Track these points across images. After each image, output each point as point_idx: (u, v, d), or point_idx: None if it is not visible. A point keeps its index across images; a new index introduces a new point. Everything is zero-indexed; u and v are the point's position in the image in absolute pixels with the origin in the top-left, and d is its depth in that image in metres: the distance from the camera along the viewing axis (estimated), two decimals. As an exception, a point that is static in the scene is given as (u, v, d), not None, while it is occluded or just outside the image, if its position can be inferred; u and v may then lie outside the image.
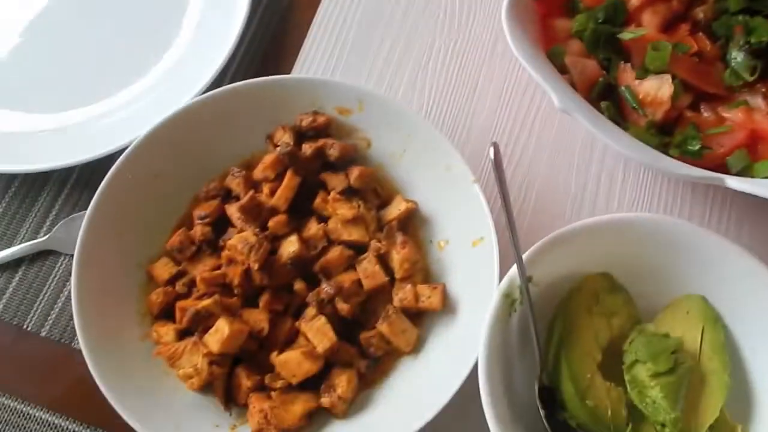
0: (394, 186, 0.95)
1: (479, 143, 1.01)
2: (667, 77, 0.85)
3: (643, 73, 0.87)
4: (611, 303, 0.82)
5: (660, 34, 0.88)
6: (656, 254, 0.81)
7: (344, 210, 0.89)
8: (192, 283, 0.89)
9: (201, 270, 0.89)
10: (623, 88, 0.87)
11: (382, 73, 1.07)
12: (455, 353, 0.82)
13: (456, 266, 0.89)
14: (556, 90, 0.79)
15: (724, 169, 0.84)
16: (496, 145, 0.76)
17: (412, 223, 0.93)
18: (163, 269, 0.90)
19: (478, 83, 1.05)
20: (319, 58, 1.09)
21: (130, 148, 0.89)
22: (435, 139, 0.89)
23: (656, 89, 0.85)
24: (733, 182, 0.77)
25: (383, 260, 0.89)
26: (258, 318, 0.85)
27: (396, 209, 0.91)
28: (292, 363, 0.82)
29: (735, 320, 0.80)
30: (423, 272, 0.90)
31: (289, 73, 1.09)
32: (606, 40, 0.90)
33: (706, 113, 0.88)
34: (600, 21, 0.91)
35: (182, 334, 0.86)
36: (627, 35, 0.88)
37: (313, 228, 0.89)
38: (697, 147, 0.84)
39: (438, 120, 1.03)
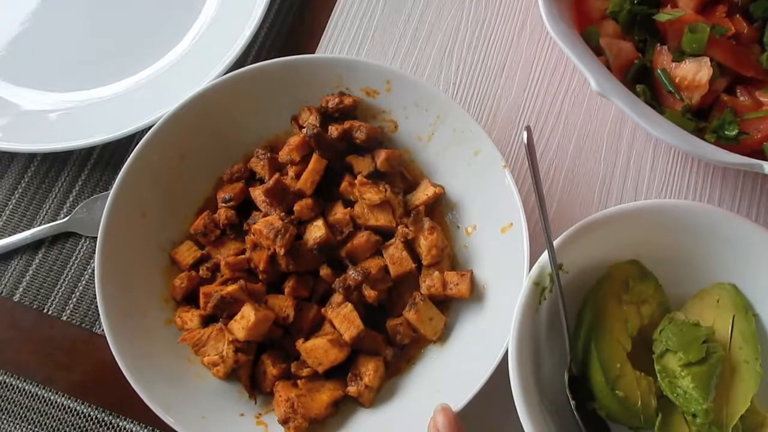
0: (421, 170, 0.93)
1: (506, 126, 0.99)
2: (706, 60, 0.83)
3: (680, 55, 0.85)
4: (641, 291, 0.81)
5: (697, 15, 0.86)
6: (687, 241, 0.80)
7: (371, 194, 0.87)
8: (216, 268, 0.88)
9: (225, 254, 0.88)
10: (659, 71, 0.85)
11: (408, 52, 1.05)
12: (483, 342, 0.81)
13: (484, 253, 0.88)
14: (592, 72, 0.77)
15: (760, 154, 0.83)
16: (529, 129, 0.74)
17: (440, 208, 0.91)
18: (187, 253, 0.89)
19: (505, 65, 1.03)
20: (344, 37, 1.06)
21: (154, 127, 0.87)
22: (464, 121, 0.87)
23: (694, 72, 0.83)
24: (773, 169, 0.75)
25: (410, 246, 0.87)
26: (283, 304, 0.84)
27: (423, 194, 0.90)
28: (318, 351, 0.81)
29: (766, 309, 0.79)
30: (450, 258, 0.89)
31: (313, 52, 1.06)
32: (641, 22, 0.89)
33: (742, 97, 0.86)
34: (636, 2, 0.88)
35: (207, 320, 0.85)
36: (663, 16, 0.86)
37: (338, 212, 0.87)
38: (734, 132, 0.82)
39: (464, 102, 1.01)
